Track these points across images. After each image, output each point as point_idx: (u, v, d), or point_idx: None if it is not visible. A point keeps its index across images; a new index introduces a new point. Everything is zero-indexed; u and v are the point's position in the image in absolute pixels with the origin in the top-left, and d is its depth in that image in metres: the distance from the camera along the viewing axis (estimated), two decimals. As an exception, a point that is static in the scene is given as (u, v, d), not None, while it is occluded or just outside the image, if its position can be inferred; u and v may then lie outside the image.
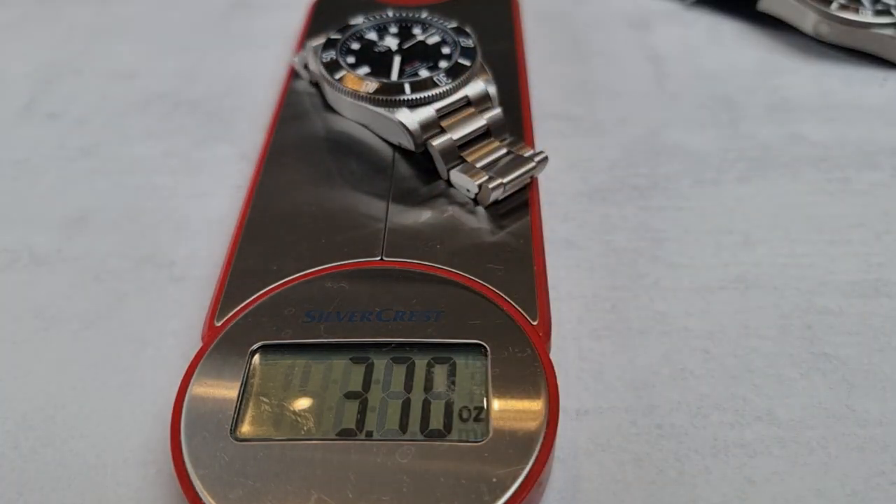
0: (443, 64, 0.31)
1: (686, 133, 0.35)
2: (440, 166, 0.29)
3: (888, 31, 0.37)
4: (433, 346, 0.23)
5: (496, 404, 0.21)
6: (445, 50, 0.32)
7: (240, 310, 0.24)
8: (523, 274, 0.25)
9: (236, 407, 0.21)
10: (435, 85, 0.29)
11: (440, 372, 0.22)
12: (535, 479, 0.20)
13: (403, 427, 0.21)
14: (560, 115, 0.36)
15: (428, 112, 0.29)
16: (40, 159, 0.34)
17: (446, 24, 0.33)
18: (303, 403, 0.22)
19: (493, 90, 0.30)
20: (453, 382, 0.22)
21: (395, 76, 0.30)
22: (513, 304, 0.24)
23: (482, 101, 0.30)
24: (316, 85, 0.34)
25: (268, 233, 0.27)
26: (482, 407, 0.21)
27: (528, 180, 0.28)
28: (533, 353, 0.22)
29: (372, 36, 0.33)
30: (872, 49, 0.38)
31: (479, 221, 0.27)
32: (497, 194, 0.28)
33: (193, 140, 0.35)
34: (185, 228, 0.31)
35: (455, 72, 0.30)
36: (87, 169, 0.34)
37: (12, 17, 0.45)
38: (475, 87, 0.30)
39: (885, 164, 0.33)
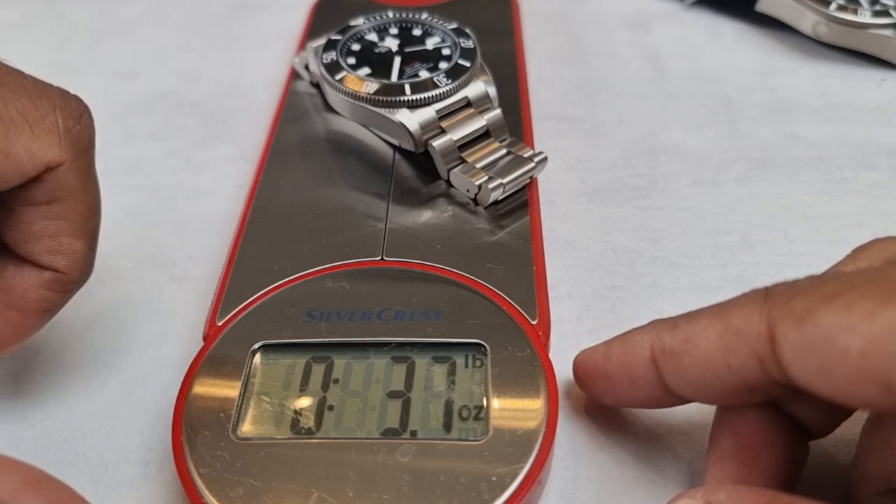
0: (443, 65, 0.31)
1: (685, 133, 0.35)
2: (440, 167, 0.29)
3: (886, 32, 0.37)
4: (433, 346, 0.23)
5: (496, 403, 0.21)
6: (445, 51, 0.32)
7: (241, 309, 0.24)
8: (523, 274, 0.25)
9: (237, 406, 0.22)
10: (435, 86, 0.29)
11: (440, 371, 0.22)
12: (534, 478, 0.20)
13: (403, 426, 0.21)
14: (559, 116, 0.36)
15: (428, 113, 0.29)
16: (42, 160, 0.34)
17: (446, 24, 0.33)
18: (303, 403, 0.22)
19: (492, 91, 0.30)
20: (453, 382, 0.22)
21: (395, 77, 0.31)
22: (512, 303, 0.24)
23: (482, 102, 0.30)
24: (316, 86, 0.34)
25: (269, 233, 0.27)
26: (482, 406, 0.21)
27: (528, 180, 0.29)
28: (532, 353, 0.23)
29: (372, 37, 0.33)
30: (871, 50, 0.38)
31: (479, 221, 0.28)
32: (497, 194, 0.28)
33: (195, 140, 0.35)
34: (187, 228, 0.31)
35: (455, 73, 0.30)
36: (88, 169, 0.34)
37: (14, 17, 0.45)
38: (475, 88, 0.30)
39: (883, 165, 0.33)
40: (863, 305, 0.16)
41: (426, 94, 0.29)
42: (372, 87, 0.30)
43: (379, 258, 0.26)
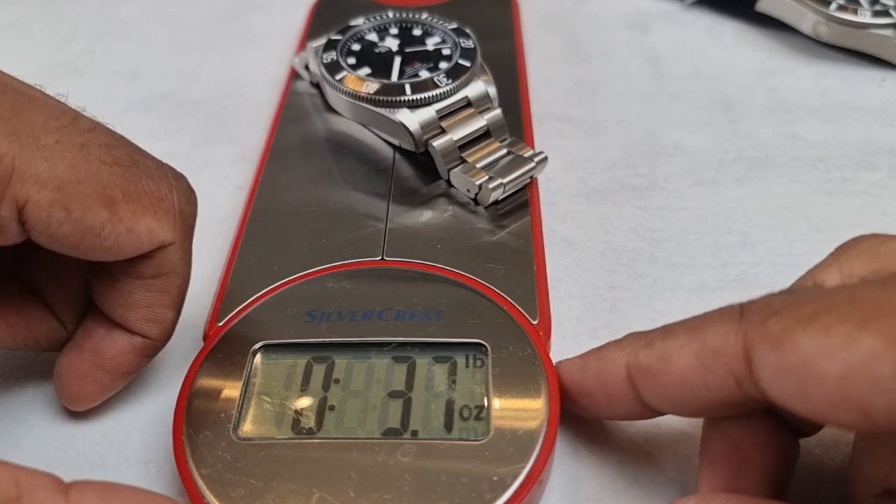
0: (443, 65, 0.31)
1: (685, 133, 0.35)
2: (440, 166, 0.29)
3: (886, 32, 0.37)
4: (434, 346, 0.23)
5: (497, 403, 0.21)
6: (445, 51, 0.32)
7: (241, 309, 0.24)
8: (523, 274, 0.25)
9: (238, 406, 0.21)
10: (435, 86, 0.29)
11: (441, 371, 0.22)
12: (535, 478, 0.20)
13: (405, 426, 0.21)
14: (559, 116, 0.36)
15: (428, 113, 0.29)
16: (42, 160, 0.34)
17: (446, 24, 0.33)
18: (304, 403, 0.22)
19: (492, 91, 0.30)
20: (454, 381, 0.22)
21: (395, 77, 0.31)
22: (513, 303, 0.24)
23: (482, 102, 0.30)
24: (317, 86, 0.34)
25: (269, 233, 0.27)
26: (483, 406, 0.21)
27: (528, 180, 0.29)
28: (533, 353, 0.23)
29: (372, 37, 0.33)
30: (871, 50, 0.38)
31: (479, 221, 0.28)
32: (497, 194, 0.28)
33: (195, 140, 0.35)
34: (187, 228, 0.31)
35: (455, 73, 0.30)
36: (88, 169, 0.34)
37: (14, 17, 0.45)
38: (475, 88, 0.30)
39: (883, 165, 0.33)
40: (841, 330, 0.16)
41: (426, 94, 0.29)
42: (372, 87, 0.30)
43: (379, 258, 0.26)
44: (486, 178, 0.28)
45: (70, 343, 0.23)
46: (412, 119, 0.29)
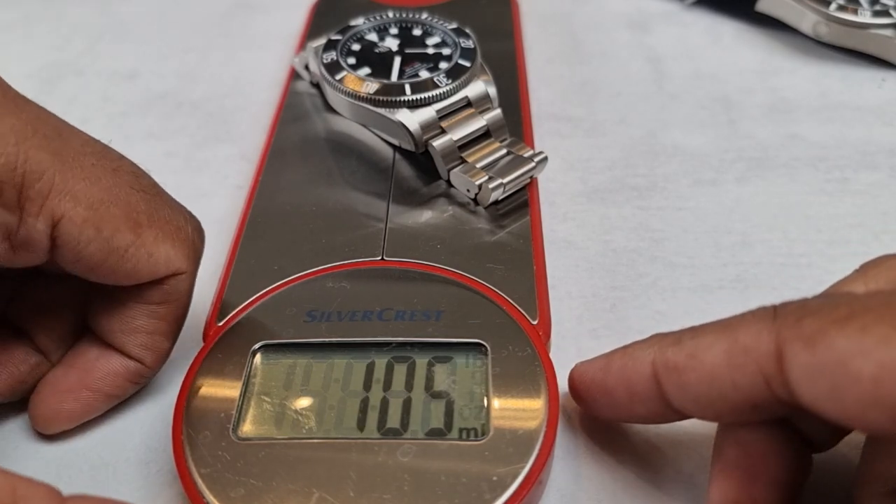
0: (443, 65, 0.31)
1: (685, 133, 0.35)
2: (440, 167, 0.29)
3: (887, 32, 0.37)
4: (434, 346, 0.23)
5: (496, 403, 0.21)
6: (445, 51, 0.32)
7: (241, 309, 0.24)
8: (523, 274, 0.25)
9: (238, 406, 0.21)
10: (435, 86, 0.29)
11: (441, 371, 0.22)
12: (535, 478, 0.20)
13: (404, 426, 0.21)
14: (559, 116, 0.36)
15: (428, 113, 0.29)
16: (42, 160, 0.34)
17: (446, 24, 0.33)
18: (304, 402, 0.22)
19: (492, 91, 0.30)
20: (454, 381, 0.22)
21: (395, 77, 0.31)
22: (513, 303, 0.24)
23: (482, 102, 0.30)
24: (316, 86, 0.34)
25: (269, 233, 0.27)
26: (482, 406, 0.21)
27: (528, 180, 0.29)
28: (533, 353, 0.23)
29: (372, 37, 0.33)
30: (871, 50, 0.38)
31: (479, 221, 0.28)
32: (497, 194, 0.28)
33: (194, 140, 0.35)
34: (187, 228, 0.31)
35: (455, 73, 0.30)
36: (88, 169, 0.34)
37: (14, 17, 0.45)
38: (475, 88, 0.30)
39: (883, 165, 0.33)
40: (877, 330, 0.15)
41: (426, 94, 0.29)
42: (372, 87, 0.30)
43: (379, 258, 0.26)
44: (486, 178, 0.28)
45: (56, 365, 0.23)
46: (412, 119, 0.29)
